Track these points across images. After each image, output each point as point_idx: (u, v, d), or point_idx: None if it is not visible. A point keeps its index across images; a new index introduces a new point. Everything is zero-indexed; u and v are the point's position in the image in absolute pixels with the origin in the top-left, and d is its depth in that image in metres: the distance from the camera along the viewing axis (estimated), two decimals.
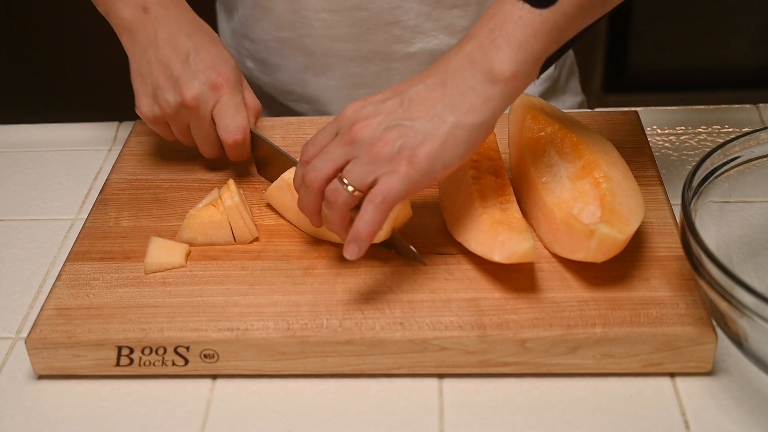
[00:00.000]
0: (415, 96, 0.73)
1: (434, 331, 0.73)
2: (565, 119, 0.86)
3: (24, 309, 0.83)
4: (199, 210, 0.84)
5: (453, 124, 0.72)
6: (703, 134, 1.00)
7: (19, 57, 2.07)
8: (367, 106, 0.74)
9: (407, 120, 0.72)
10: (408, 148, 0.72)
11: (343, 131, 0.74)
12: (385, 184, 0.71)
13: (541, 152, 0.85)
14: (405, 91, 0.74)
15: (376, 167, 0.72)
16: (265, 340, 0.74)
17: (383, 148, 0.72)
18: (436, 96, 0.73)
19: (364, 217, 0.72)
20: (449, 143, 0.72)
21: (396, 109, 0.73)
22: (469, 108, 0.72)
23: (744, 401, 0.71)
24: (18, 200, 0.97)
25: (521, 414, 0.71)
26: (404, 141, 0.72)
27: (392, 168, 0.72)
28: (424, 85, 0.73)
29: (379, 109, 0.74)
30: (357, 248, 0.73)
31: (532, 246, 0.73)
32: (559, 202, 0.80)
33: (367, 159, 0.72)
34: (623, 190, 0.79)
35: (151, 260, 0.80)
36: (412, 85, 0.74)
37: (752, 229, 0.82)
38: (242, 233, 0.83)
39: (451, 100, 0.72)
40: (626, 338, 0.72)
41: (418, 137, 0.72)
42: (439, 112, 0.72)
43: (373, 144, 0.72)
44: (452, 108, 0.72)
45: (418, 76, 0.75)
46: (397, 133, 0.72)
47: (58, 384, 0.76)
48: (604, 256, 0.74)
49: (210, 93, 0.87)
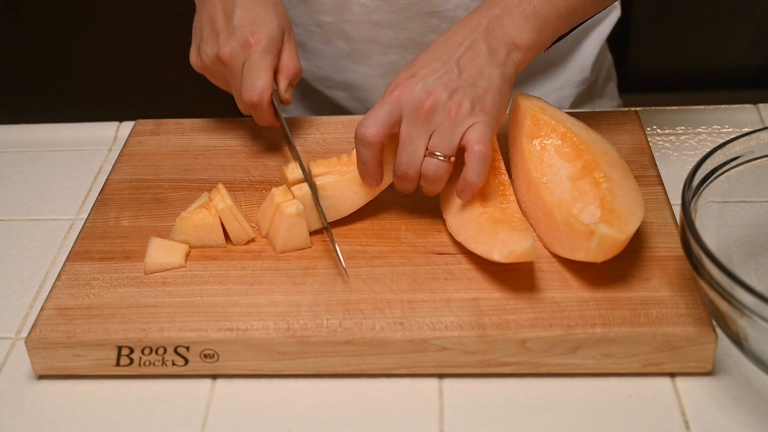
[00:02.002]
0: (461, 59, 0.80)
1: (434, 331, 0.73)
2: (565, 119, 0.86)
3: (24, 309, 0.83)
4: (191, 212, 0.83)
5: (499, 75, 0.80)
6: (703, 134, 1.00)
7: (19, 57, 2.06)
8: (418, 82, 0.80)
9: (464, 81, 0.79)
10: (478, 102, 0.79)
11: (412, 113, 0.79)
12: (475, 135, 0.78)
13: (541, 152, 0.85)
14: (449, 58, 0.81)
15: (459, 128, 0.79)
16: (265, 340, 0.74)
17: (459, 110, 0.78)
18: (478, 54, 0.81)
19: (472, 170, 0.78)
20: (503, 90, 0.81)
21: (451, 76, 0.80)
22: (504, 62, 0.81)
23: (744, 401, 0.71)
24: (18, 200, 0.97)
25: (521, 414, 0.71)
26: (471, 98, 0.79)
27: (474, 120, 0.79)
28: (464, 47, 0.81)
29: (436, 82, 0.79)
30: (471, 193, 0.80)
31: (531, 245, 0.73)
32: (559, 202, 0.80)
33: (448, 125, 0.78)
34: (623, 190, 0.79)
35: (151, 260, 0.80)
36: (451, 49, 0.81)
37: (752, 229, 0.82)
38: (238, 234, 0.83)
39: (489, 57, 0.80)
40: (626, 338, 0.72)
41: (479, 92, 0.79)
42: (485, 68, 0.80)
43: (448, 110, 0.78)
44: (494, 63, 0.80)
45: (450, 39, 0.82)
46: (463, 93, 0.79)
47: (58, 384, 0.76)
48: (604, 256, 0.74)
49: (241, 51, 0.90)
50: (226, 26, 0.91)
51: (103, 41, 2.00)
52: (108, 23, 1.98)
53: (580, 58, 1.13)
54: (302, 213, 0.80)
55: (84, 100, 2.03)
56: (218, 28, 0.91)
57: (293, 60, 0.93)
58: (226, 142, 0.98)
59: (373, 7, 1.03)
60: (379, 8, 1.03)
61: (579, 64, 1.13)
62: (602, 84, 1.19)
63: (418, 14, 1.03)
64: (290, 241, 0.81)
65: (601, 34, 1.13)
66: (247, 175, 0.93)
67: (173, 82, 2.14)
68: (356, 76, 1.10)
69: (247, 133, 0.99)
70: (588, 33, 1.13)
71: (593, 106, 1.17)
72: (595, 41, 1.13)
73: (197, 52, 0.94)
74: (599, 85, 1.18)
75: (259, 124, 0.93)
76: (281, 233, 0.80)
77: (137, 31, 1.99)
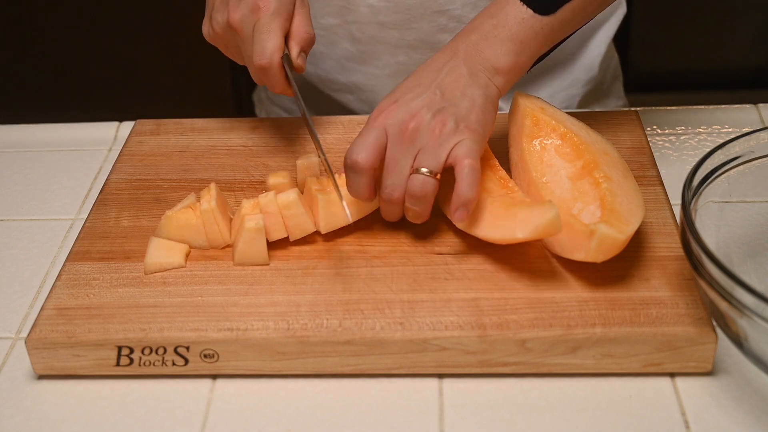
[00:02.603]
0: (442, 82, 0.81)
1: (434, 331, 0.73)
2: (565, 119, 0.86)
3: (24, 309, 0.83)
4: (176, 212, 0.83)
5: (481, 95, 0.81)
6: (703, 134, 1.00)
7: (19, 57, 2.06)
8: (401, 107, 0.80)
9: (447, 102, 0.80)
10: (462, 120, 0.79)
11: (396, 135, 0.79)
12: (462, 151, 0.78)
13: (541, 152, 0.85)
14: (431, 82, 0.82)
15: (444, 145, 0.78)
16: (265, 340, 0.74)
17: (444, 129, 0.79)
18: (459, 76, 0.81)
19: (464, 184, 0.77)
20: (487, 109, 0.81)
21: (433, 98, 0.80)
22: (486, 84, 0.82)
23: (744, 401, 0.71)
24: (18, 200, 0.97)
25: (521, 414, 0.71)
26: (455, 117, 0.79)
27: (459, 138, 0.79)
28: (445, 71, 0.82)
29: (419, 104, 0.80)
30: (466, 211, 0.78)
31: (556, 214, 0.73)
32: (559, 202, 0.80)
33: (434, 143, 0.78)
34: (623, 190, 0.79)
35: (150, 260, 0.80)
36: (432, 73, 0.82)
37: (752, 229, 0.82)
38: (215, 238, 0.83)
39: (470, 80, 0.81)
40: (626, 338, 0.72)
41: (462, 111, 0.80)
42: (466, 89, 0.81)
43: (432, 130, 0.79)
44: (475, 84, 0.81)
45: (431, 65, 0.83)
46: (446, 113, 0.79)
47: (58, 384, 0.76)
48: (604, 256, 0.74)
49: (250, 16, 0.89)
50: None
51: (103, 41, 2.00)
52: (108, 23, 1.98)
53: (588, 56, 1.13)
54: (262, 229, 0.80)
55: (84, 100, 2.04)
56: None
57: (305, 25, 0.91)
58: (226, 142, 0.98)
59: (380, 8, 1.03)
60: (386, 9, 1.03)
61: (587, 62, 1.13)
62: (609, 83, 1.19)
63: (425, 14, 1.03)
64: (247, 254, 0.80)
65: (608, 33, 1.13)
66: (247, 175, 0.93)
67: (173, 82, 2.14)
68: (364, 77, 1.10)
69: (247, 133, 0.99)
70: (595, 31, 1.12)
71: (600, 105, 1.17)
72: (602, 39, 1.13)
73: (209, 21, 0.92)
74: (606, 84, 1.18)
75: (273, 91, 0.91)
76: (239, 245, 0.80)
77: (137, 31, 1.99)
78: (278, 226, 0.81)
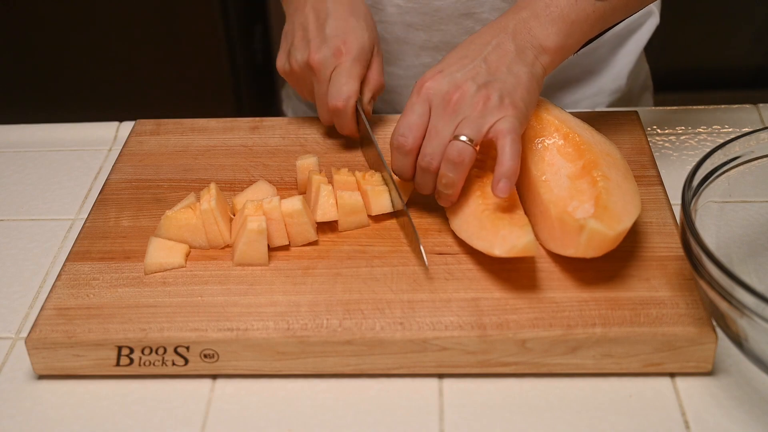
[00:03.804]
0: (489, 56, 0.82)
1: (434, 331, 0.73)
2: (569, 120, 0.86)
3: (24, 309, 0.83)
4: (176, 212, 0.83)
5: (527, 73, 0.81)
6: (703, 134, 1.00)
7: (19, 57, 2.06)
8: (447, 77, 0.81)
9: (492, 76, 0.80)
10: (507, 96, 0.80)
11: (440, 105, 0.80)
12: (505, 124, 0.78)
13: (543, 151, 0.85)
14: (477, 55, 0.82)
15: (487, 118, 0.79)
16: (265, 340, 0.74)
17: (488, 102, 0.79)
18: (506, 52, 0.82)
19: (505, 154, 0.77)
20: (532, 88, 0.82)
21: (479, 71, 0.81)
22: (532, 62, 0.82)
23: (744, 401, 0.71)
24: (18, 200, 0.97)
25: (521, 414, 0.71)
26: (500, 91, 0.79)
27: (503, 114, 0.79)
28: (492, 45, 0.82)
29: (464, 76, 0.81)
30: (509, 183, 0.77)
31: (531, 240, 0.73)
32: (556, 199, 0.80)
33: (477, 114, 0.79)
34: (621, 189, 0.79)
35: (150, 260, 0.80)
36: (479, 47, 0.82)
37: (752, 229, 0.82)
38: (215, 238, 0.83)
39: (517, 56, 0.82)
40: (626, 338, 0.72)
41: (508, 87, 0.80)
42: (512, 66, 0.81)
43: (476, 103, 0.79)
44: (521, 62, 0.82)
45: (478, 38, 0.83)
46: (492, 87, 0.80)
47: (58, 384, 0.76)
48: (595, 252, 0.74)
49: (331, 59, 0.91)
50: (318, 34, 0.93)
51: (103, 41, 2.00)
52: (108, 23, 1.98)
53: (617, 66, 1.12)
54: (264, 231, 0.80)
55: (84, 100, 2.04)
56: (310, 36, 0.93)
57: (379, 74, 0.95)
58: (226, 142, 0.98)
59: (408, 8, 1.03)
60: (413, 9, 1.03)
61: (615, 72, 1.12)
62: (638, 93, 1.18)
63: (452, 16, 1.03)
64: (247, 255, 0.80)
65: (639, 43, 1.12)
66: (247, 175, 0.93)
67: (173, 82, 2.14)
68: (389, 78, 1.10)
69: (247, 133, 0.99)
70: (625, 41, 1.11)
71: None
72: (633, 50, 1.12)
73: (286, 57, 0.95)
74: (635, 94, 1.17)
75: (341, 132, 0.94)
76: (240, 246, 0.80)
77: (137, 31, 1.99)
78: (280, 232, 0.81)
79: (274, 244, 0.82)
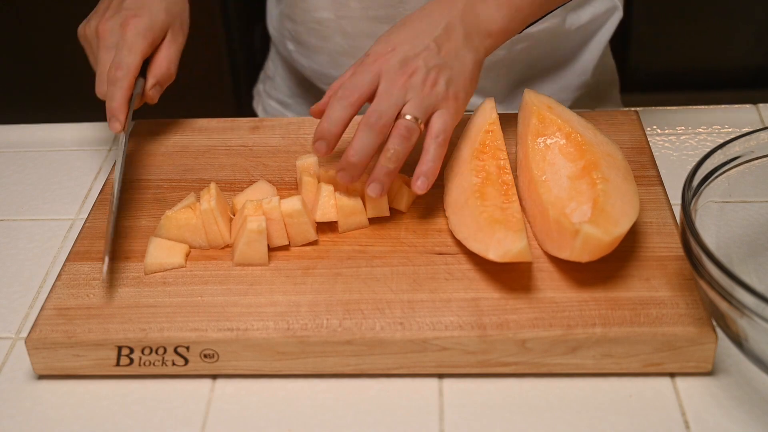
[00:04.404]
0: (440, 39, 0.83)
1: (434, 331, 0.73)
2: (572, 119, 0.86)
3: (24, 309, 0.83)
4: (176, 212, 0.83)
5: (472, 60, 0.83)
6: (703, 134, 1.00)
7: (19, 57, 2.06)
8: (398, 55, 0.82)
9: (442, 60, 0.82)
10: (453, 84, 0.82)
11: (391, 79, 0.81)
12: (440, 121, 0.81)
13: (545, 150, 0.85)
14: (429, 35, 0.83)
15: (434, 102, 0.81)
16: (265, 340, 0.74)
17: (435, 87, 0.81)
18: (455, 36, 0.83)
19: (429, 155, 0.80)
20: (474, 76, 0.84)
21: (430, 53, 0.82)
22: (477, 48, 0.84)
23: (744, 401, 0.71)
24: (18, 200, 0.97)
25: (521, 414, 0.71)
26: (448, 78, 0.81)
27: (445, 105, 0.81)
28: (442, 28, 0.83)
29: (416, 56, 0.81)
30: (427, 181, 0.80)
31: (526, 245, 0.73)
32: (555, 200, 0.80)
33: (422, 97, 0.80)
34: (620, 192, 0.78)
35: (151, 260, 0.80)
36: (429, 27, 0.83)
37: (752, 229, 0.82)
38: (215, 238, 0.83)
39: (464, 41, 0.83)
40: (626, 338, 0.72)
41: (455, 74, 0.82)
42: (461, 51, 0.83)
43: (424, 83, 0.80)
44: (468, 47, 0.83)
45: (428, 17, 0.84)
46: (441, 72, 0.81)
47: (58, 384, 0.76)
48: (590, 256, 0.74)
49: (118, 29, 0.92)
50: (116, 5, 0.94)
51: None
52: None
53: (582, 61, 1.13)
54: (264, 231, 0.80)
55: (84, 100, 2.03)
56: (110, 6, 0.94)
57: (169, 61, 0.95)
58: (226, 142, 0.98)
59: (370, 3, 1.04)
60: (376, 3, 1.04)
61: (580, 67, 1.13)
62: (604, 88, 1.19)
63: (415, 7, 1.03)
64: (247, 255, 0.80)
65: (604, 37, 1.13)
66: (247, 175, 0.93)
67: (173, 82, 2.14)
68: None
69: (247, 133, 0.99)
70: (590, 37, 1.12)
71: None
72: (598, 45, 1.13)
73: (86, 22, 0.96)
74: (602, 89, 1.18)
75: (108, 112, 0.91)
76: (240, 246, 0.80)
77: None
78: (280, 233, 0.81)
79: (274, 244, 0.82)
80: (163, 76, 0.94)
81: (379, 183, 0.80)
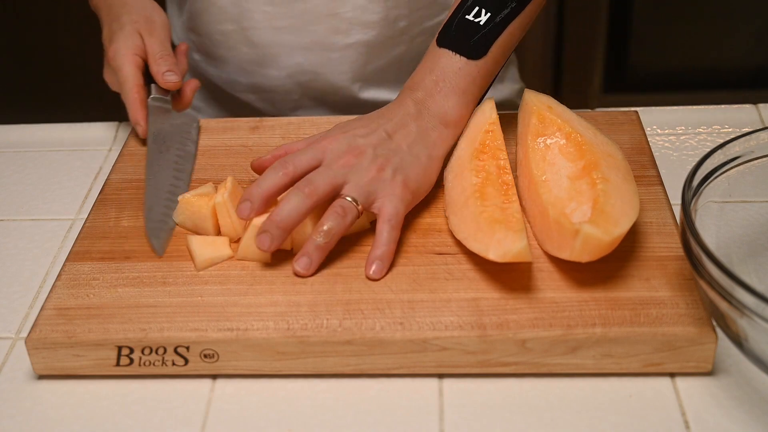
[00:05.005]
0: (392, 132, 0.84)
1: (434, 331, 0.73)
2: (572, 119, 0.86)
3: (24, 309, 0.83)
4: (192, 197, 0.84)
5: (428, 156, 0.84)
6: (703, 134, 1.01)
7: (19, 57, 2.07)
8: (347, 139, 0.82)
9: (393, 150, 0.82)
10: (401, 173, 0.81)
11: (333, 159, 0.81)
12: (389, 207, 0.80)
13: (545, 150, 0.85)
14: (381, 126, 0.84)
15: (377, 187, 0.80)
16: (265, 340, 0.74)
17: (382, 173, 0.81)
18: (408, 132, 0.84)
19: (383, 238, 0.79)
20: (428, 171, 0.84)
21: (381, 142, 0.83)
22: (434, 143, 0.85)
23: (744, 401, 0.71)
24: (18, 200, 0.97)
25: (521, 414, 0.71)
26: (396, 166, 0.81)
27: (392, 191, 0.80)
28: (396, 123, 0.84)
29: (366, 142, 0.82)
30: (382, 266, 0.78)
31: (525, 246, 0.73)
32: (555, 200, 0.80)
33: (367, 181, 0.80)
34: (619, 192, 0.78)
35: (201, 258, 0.80)
36: (384, 120, 0.85)
37: (752, 229, 0.82)
38: (228, 231, 0.83)
39: (419, 137, 0.84)
40: (626, 338, 0.72)
41: (406, 164, 0.82)
42: (414, 146, 0.83)
43: (371, 169, 0.81)
44: (423, 143, 0.84)
45: (385, 114, 0.86)
46: (389, 160, 0.81)
47: (58, 384, 0.76)
48: (590, 256, 0.74)
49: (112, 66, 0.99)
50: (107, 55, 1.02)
51: None
52: None
53: None
54: None
55: (84, 100, 2.03)
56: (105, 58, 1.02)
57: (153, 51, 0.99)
58: (226, 142, 0.98)
59: (274, 14, 1.06)
60: (280, 14, 1.06)
61: None
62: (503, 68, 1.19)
63: (319, 17, 1.06)
64: (251, 250, 0.80)
65: None
66: (247, 174, 0.93)
67: None
68: (264, 79, 1.13)
69: (247, 133, 0.99)
70: None
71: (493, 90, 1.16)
72: None
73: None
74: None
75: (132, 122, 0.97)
76: (244, 239, 0.80)
77: None
78: None
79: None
80: (158, 62, 0.98)
81: (308, 258, 0.78)
